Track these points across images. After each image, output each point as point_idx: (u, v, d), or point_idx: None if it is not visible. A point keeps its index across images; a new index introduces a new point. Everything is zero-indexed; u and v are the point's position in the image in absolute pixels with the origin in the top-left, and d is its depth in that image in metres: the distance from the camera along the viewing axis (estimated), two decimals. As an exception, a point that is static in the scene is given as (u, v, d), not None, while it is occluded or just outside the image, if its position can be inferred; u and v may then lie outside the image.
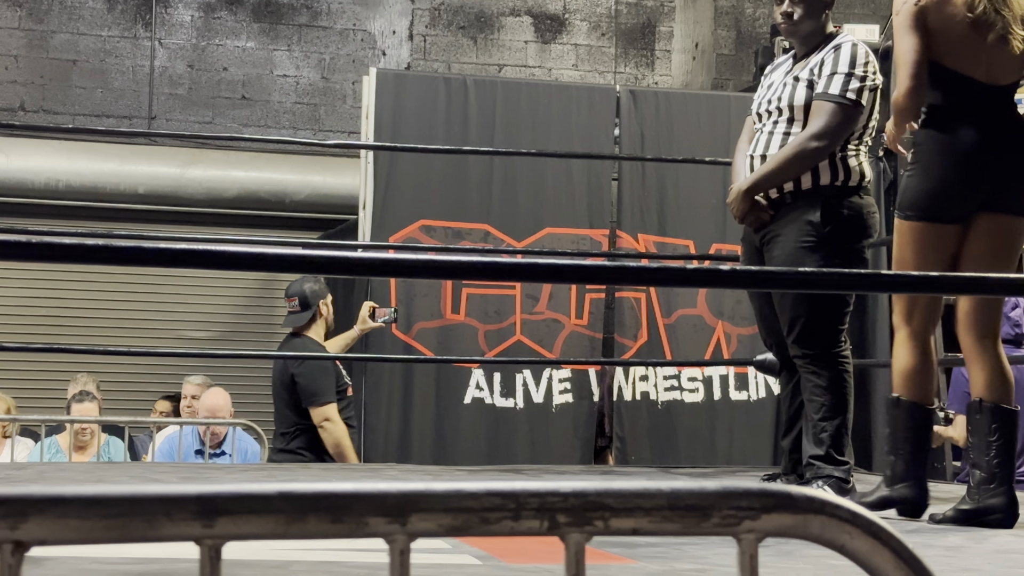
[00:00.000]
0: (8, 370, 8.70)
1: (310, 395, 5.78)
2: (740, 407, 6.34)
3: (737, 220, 4.01)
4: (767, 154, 3.92)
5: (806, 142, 3.81)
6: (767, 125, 3.97)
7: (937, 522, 3.40)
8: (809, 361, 3.83)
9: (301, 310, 5.91)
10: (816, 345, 3.82)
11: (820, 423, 3.80)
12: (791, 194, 3.87)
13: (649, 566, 2.48)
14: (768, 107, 3.98)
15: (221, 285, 9.04)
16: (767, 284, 3.33)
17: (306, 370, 5.78)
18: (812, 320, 3.82)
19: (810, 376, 3.84)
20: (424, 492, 0.89)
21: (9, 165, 8.77)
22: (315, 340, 5.91)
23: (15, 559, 0.83)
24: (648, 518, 0.90)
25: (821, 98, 3.85)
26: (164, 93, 9.53)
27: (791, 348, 3.89)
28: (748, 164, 3.99)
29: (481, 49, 10.03)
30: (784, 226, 3.88)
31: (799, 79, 3.92)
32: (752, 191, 3.89)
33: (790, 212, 3.87)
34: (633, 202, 6.34)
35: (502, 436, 6.11)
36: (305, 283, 5.94)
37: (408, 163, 6.10)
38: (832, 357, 3.83)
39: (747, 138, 4.08)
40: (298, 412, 5.83)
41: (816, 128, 3.81)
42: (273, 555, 2.40)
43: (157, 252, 2.13)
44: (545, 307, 6.22)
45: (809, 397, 3.84)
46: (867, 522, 0.91)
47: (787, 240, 3.86)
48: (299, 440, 5.85)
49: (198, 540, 0.87)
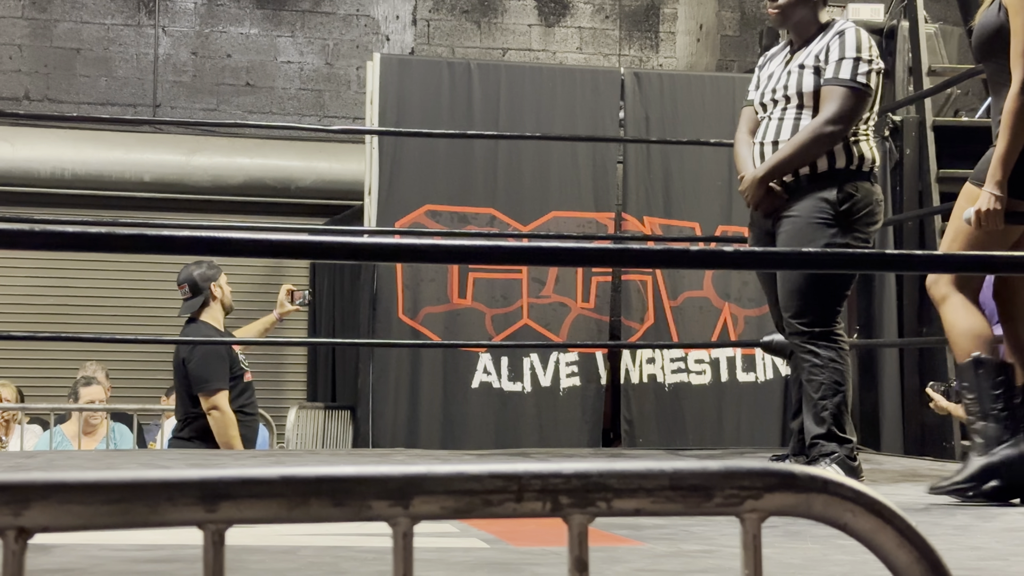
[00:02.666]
0: (17, 359, 8.73)
1: (199, 381, 5.73)
2: (747, 389, 6.34)
3: (751, 207, 4.01)
4: (778, 140, 3.93)
5: (822, 126, 3.83)
6: (774, 113, 3.98)
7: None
8: (806, 339, 3.85)
9: (192, 296, 5.90)
10: (813, 323, 3.84)
11: (820, 402, 3.81)
12: (807, 177, 3.89)
13: (656, 547, 2.48)
14: (773, 96, 4.00)
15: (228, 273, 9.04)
16: (773, 264, 3.33)
17: (197, 356, 5.74)
18: (810, 298, 3.84)
19: (807, 356, 3.85)
20: (426, 475, 0.89)
21: (15, 155, 8.78)
22: (209, 324, 5.87)
23: (19, 545, 0.83)
24: (651, 498, 0.90)
25: (832, 83, 3.87)
26: (168, 81, 9.53)
27: (787, 325, 3.90)
28: (757, 151, 3.99)
29: (485, 33, 10.02)
30: (798, 205, 3.89)
31: (804, 67, 3.94)
32: (768, 177, 3.91)
33: (805, 192, 3.88)
34: (639, 185, 6.34)
35: (510, 420, 6.12)
36: (194, 269, 5.93)
37: (413, 148, 6.10)
38: (827, 335, 3.85)
39: (747, 128, 4.10)
40: (192, 399, 5.78)
41: (830, 112, 3.84)
42: (281, 541, 2.40)
43: (160, 239, 2.13)
44: (552, 291, 6.22)
45: (807, 377, 3.85)
46: (870, 500, 0.91)
47: (799, 215, 3.87)
48: (191, 428, 5.79)
49: (201, 525, 0.87)
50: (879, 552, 0.92)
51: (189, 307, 5.91)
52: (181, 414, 5.86)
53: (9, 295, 9.05)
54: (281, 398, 9.25)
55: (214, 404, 5.68)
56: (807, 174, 3.89)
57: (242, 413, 5.80)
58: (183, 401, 5.84)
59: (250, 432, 5.91)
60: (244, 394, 5.86)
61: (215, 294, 5.89)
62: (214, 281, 5.89)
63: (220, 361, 5.73)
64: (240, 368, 5.85)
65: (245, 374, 5.89)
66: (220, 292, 5.90)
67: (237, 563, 2.05)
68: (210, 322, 5.87)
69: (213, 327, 5.86)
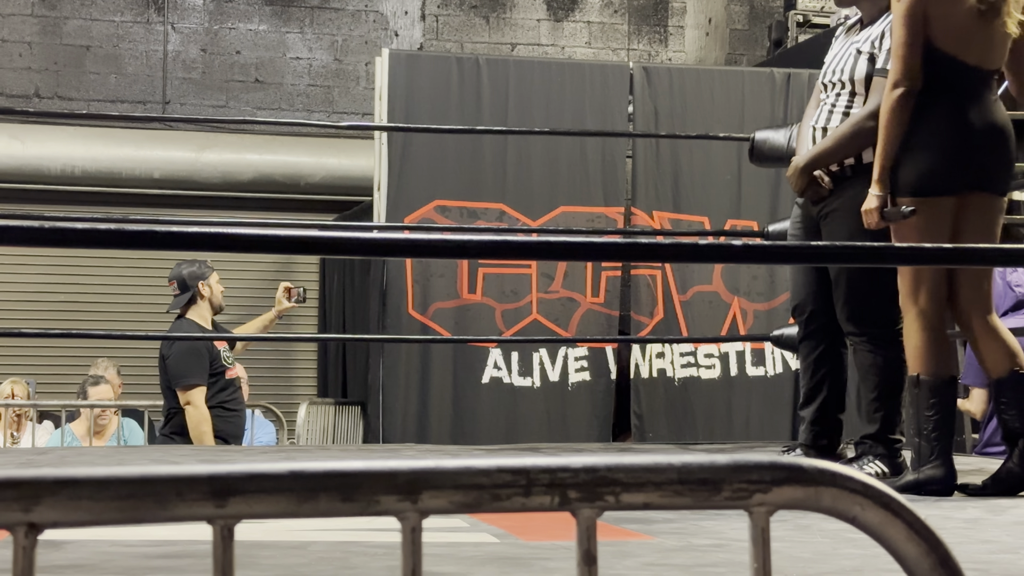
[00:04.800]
0: (29, 356, 8.75)
1: (177, 377, 5.80)
2: (757, 383, 6.34)
3: (796, 194, 3.99)
4: (828, 127, 3.89)
5: (864, 120, 3.76)
6: (829, 97, 3.92)
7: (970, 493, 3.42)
8: (867, 339, 3.80)
9: (180, 293, 5.97)
10: (875, 324, 3.79)
11: (875, 402, 3.78)
12: (851, 167, 3.84)
13: (667, 542, 2.48)
14: (832, 78, 3.93)
15: (238, 269, 9.04)
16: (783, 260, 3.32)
17: (176, 352, 5.82)
18: (870, 298, 3.79)
19: (866, 355, 3.81)
20: (435, 469, 0.89)
21: (25, 152, 8.80)
22: (194, 321, 5.93)
23: (29, 541, 0.84)
24: (659, 492, 0.90)
25: (882, 75, 3.76)
26: (178, 77, 9.54)
27: (845, 325, 3.85)
28: (809, 136, 3.96)
29: (493, 28, 10.01)
30: (844, 202, 3.84)
31: (860, 51, 3.85)
32: (809, 168, 3.87)
33: (850, 188, 3.83)
34: (647, 179, 6.33)
35: (520, 415, 6.12)
36: (183, 267, 6.00)
37: (422, 144, 6.10)
38: (890, 336, 3.79)
39: (814, 104, 4.05)
40: (174, 395, 5.85)
41: (875, 106, 3.72)
42: (291, 536, 2.41)
43: (171, 236, 2.14)
44: (561, 286, 6.22)
45: (864, 376, 3.82)
46: (879, 493, 0.91)
47: (847, 216, 3.81)
48: (172, 424, 5.86)
49: (210, 520, 0.87)
50: (888, 545, 0.92)
51: (177, 303, 5.99)
52: (165, 410, 5.93)
53: (21, 292, 9.07)
54: (292, 394, 9.27)
55: (188, 399, 5.76)
56: (852, 164, 3.83)
57: (223, 409, 5.84)
58: (166, 397, 5.92)
59: (233, 428, 5.94)
60: (226, 390, 5.91)
61: (203, 293, 5.95)
62: (203, 280, 5.95)
63: (198, 357, 5.79)
64: (222, 364, 5.89)
65: (227, 370, 5.93)
66: (208, 291, 5.95)
67: (248, 558, 2.05)
68: (195, 320, 5.93)
69: (198, 324, 5.92)
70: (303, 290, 6.25)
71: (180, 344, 5.78)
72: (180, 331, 5.85)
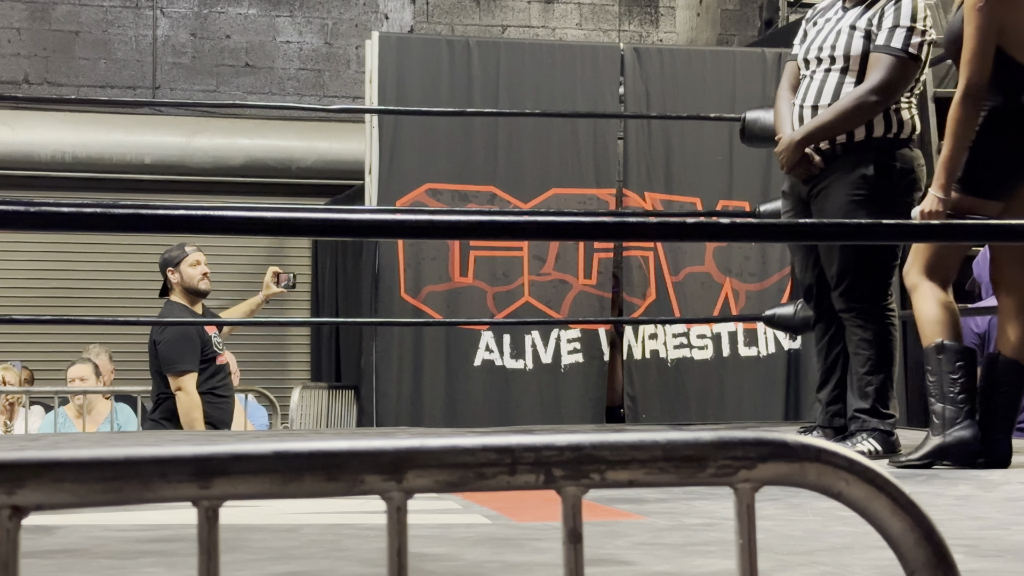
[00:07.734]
0: (21, 342, 8.74)
1: (168, 362, 5.81)
2: (749, 363, 6.35)
3: (784, 170, 3.94)
4: (819, 104, 3.84)
5: (866, 95, 3.74)
6: (817, 73, 3.87)
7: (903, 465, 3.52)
8: (856, 315, 3.81)
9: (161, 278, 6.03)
10: (864, 299, 3.80)
11: (866, 376, 3.79)
12: (843, 146, 3.81)
13: (658, 521, 2.49)
14: (819, 54, 3.88)
15: (229, 254, 9.03)
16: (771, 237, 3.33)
17: (167, 336, 5.83)
18: (860, 274, 3.79)
19: (856, 330, 3.82)
20: (420, 448, 0.89)
21: (15, 138, 8.77)
22: (178, 303, 5.95)
23: (13, 524, 0.84)
24: (644, 470, 0.90)
25: (882, 51, 3.76)
26: (167, 62, 9.51)
27: (837, 301, 3.86)
28: (796, 114, 3.92)
29: (484, 10, 9.99)
30: (835, 180, 3.82)
31: (856, 28, 3.82)
32: (805, 142, 3.82)
33: (841, 165, 3.82)
34: (639, 160, 6.33)
35: (513, 397, 6.12)
36: (163, 253, 6.05)
37: (413, 127, 6.09)
38: (879, 311, 3.81)
39: (789, 84, 3.98)
40: (164, 380, 5.85)
41: (876, 81, 3.74)
42: (283, 519, 2.41)
43: (158, 218, 2.13)
44: (552, 268, 6.22)
45: (855, 351, 3.83)
46: (863, 468, 0.91)
47: (838, 194, 3.80)
48: (162, 409, 5.86)
49: (195, 501, 0.87)
50: (873, 521, 0.92)
51: (162, 289, 6.03)
52: (154, 395, 5.93)
53: (13, 278, 9.06)
54: (285, 378, 9.27)
55: (180, 385, 5.76)
56: (843, 142, 3.81)
57: (213, 395, 5.84)
58: (155, 382, 5.92)
59: (222, 414, 5.94)
60: (216, 376, 5.91)
61: (171, 279, 5.93)
62: (171, 266, 5.95)
63: (189, 343, 5.79)
64: (212, 350, 5.89)
65: (218, 356, 5.93)
66: (178, 277, 5.94)
67: (239, 541, 2.05)
68: (180, 301, 5.91)
69: (184, 306, 5.91)
70: (292, 276, 6.25)
71: (171, 329, 5.77)
72: (170, 315, 5.85)
